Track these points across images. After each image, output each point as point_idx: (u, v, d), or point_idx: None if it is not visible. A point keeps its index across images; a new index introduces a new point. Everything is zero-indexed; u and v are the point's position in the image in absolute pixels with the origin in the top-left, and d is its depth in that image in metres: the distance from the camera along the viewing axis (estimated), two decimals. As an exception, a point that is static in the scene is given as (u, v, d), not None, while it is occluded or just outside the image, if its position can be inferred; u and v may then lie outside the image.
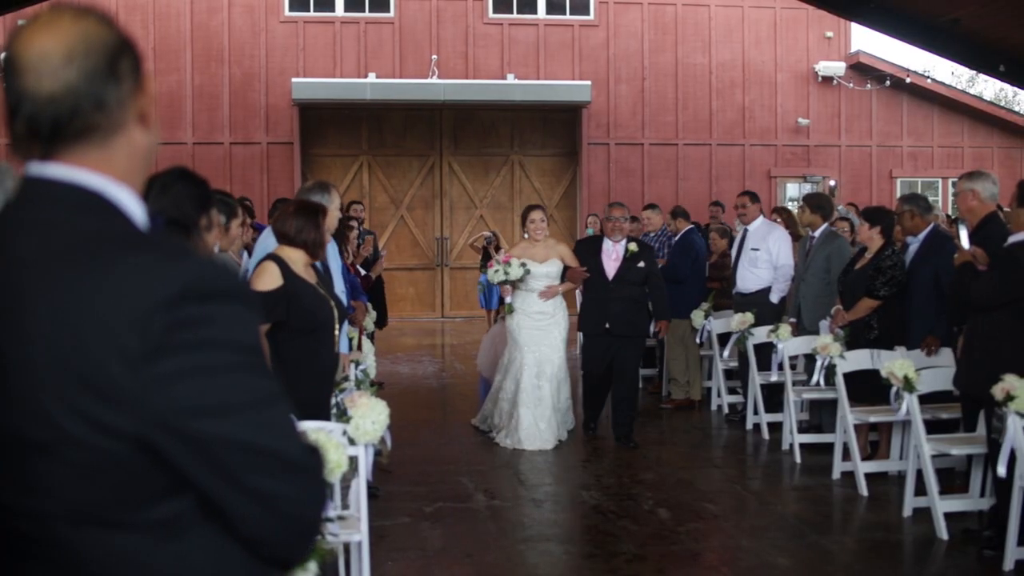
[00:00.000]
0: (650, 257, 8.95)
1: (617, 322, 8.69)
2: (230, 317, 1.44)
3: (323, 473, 1.56)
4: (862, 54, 20.63)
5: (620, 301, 8.68)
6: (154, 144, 1.61)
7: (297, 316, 5.07)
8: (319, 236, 5.17)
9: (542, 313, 8.74)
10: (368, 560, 4.92)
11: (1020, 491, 5.46)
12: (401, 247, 19.99)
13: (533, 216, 8.93)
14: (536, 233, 8.85)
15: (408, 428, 8.96)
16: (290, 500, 1.48)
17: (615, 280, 8.72)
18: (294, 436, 1.49)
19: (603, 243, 8.90)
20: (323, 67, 19.34)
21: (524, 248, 8.87)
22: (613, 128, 20.13)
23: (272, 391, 1.48)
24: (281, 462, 1.46)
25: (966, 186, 6.75)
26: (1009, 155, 21.24)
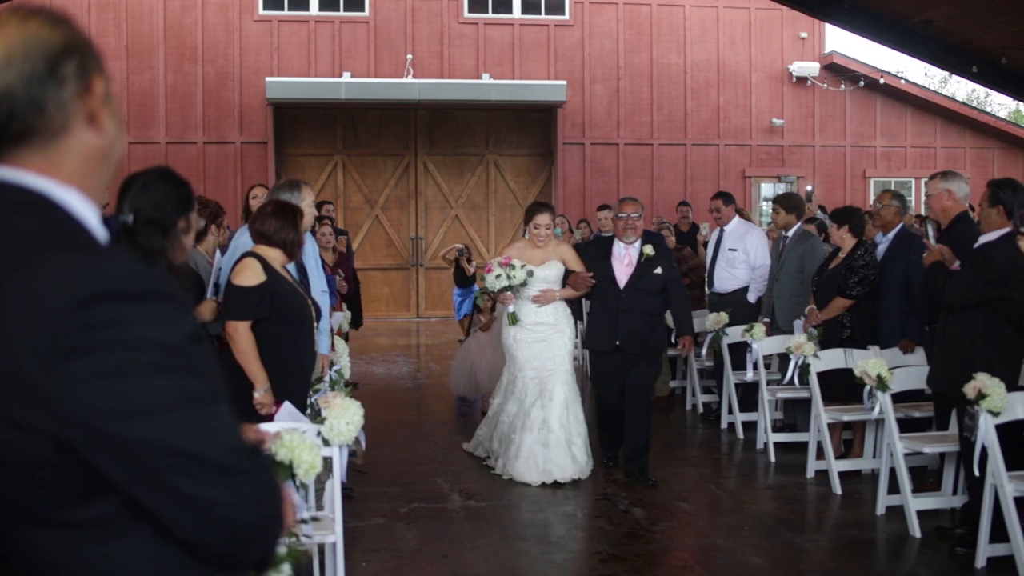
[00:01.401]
0: (669, 261, 7.68)
1: (630, 338, 7.46)
2: (150, 318, 1.42)
3: (263, 476, 1.53)
4: (836, 55, 20.74)
5: (633, 313, 7.48)
6: (110, 145, 1.59)
7: (278, 313, 5.07)
8: (297, 236, 5.17)
9: (542, 324, 7.61)
10: (343, 561, 4.90)
11: (992, 489, 5.50)
12: (376, 247, 19.93)
13: (538, 220, 7.66)
14: (538, 240, 7.66)
15: (383, 428, 8.93)
16: (220, 504, 1.46)
17: (628, 288, 7.50)
18: (224, 439, 1.47)
19: (613, 245, 7.67)
20: (297, 66, 19.27)
21: (521, 249, 7.75)
22: (588, 128, 20.15)
23: (200, 392, 1.45)
24: (206, 465, 1.44)
25: (941, 186, 6.78)
26: (981, 155, 21.41)
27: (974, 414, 5.47)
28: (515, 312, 7.63)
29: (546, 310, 7.63)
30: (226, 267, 5.56)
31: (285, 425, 4.57)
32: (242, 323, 5.05)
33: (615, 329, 7.49)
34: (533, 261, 7.61)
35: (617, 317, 7.48)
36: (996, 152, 21.49)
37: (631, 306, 7.48)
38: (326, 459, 4.68)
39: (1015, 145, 21.64)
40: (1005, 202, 5.87)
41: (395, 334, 17.46)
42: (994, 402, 5.40)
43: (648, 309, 7.55)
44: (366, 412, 4.91)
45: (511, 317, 7.65)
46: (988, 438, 5.41)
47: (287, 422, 4.79)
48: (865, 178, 21.16)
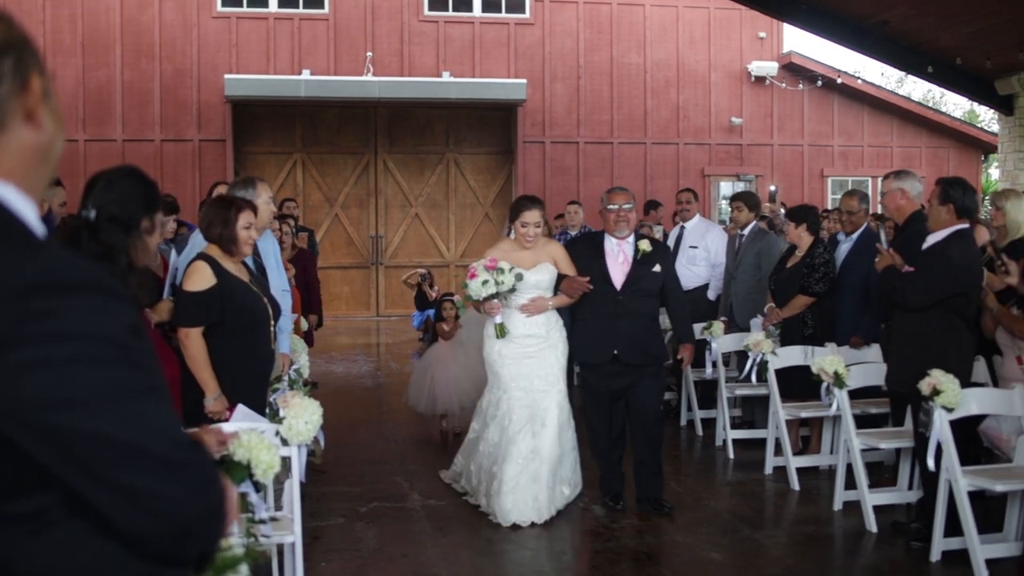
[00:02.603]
0: (667, 259, 6.85)
1: (629, 347, 6.55)
2: (87, 309, 1.42)
3: (204, 469, 1.53)
4: (794, 55, 20.90)
5: (632, 318, 6.57)
6: (50, 142, 1.59)
7: (233, 314, 5.01)
8: (227, 231, 5.04)
9: (532, 337, 6.60)
10: (302, 561, 4.87)
11: (946, 483, 5.57)
12: (336, 245, 19.85)
13: (527, 217, 6.62)
14: (526, 240, 6.64)
15: (343, 428, 8.89)
16: (160, 497, 1.45)
17: (625, 290, 6.59)
18: (163, 430, 1.46)
19: (604, 241, 6.76)
20: (256, 63, 19.14)
21: (506, 252, 6.68)
22: (548, 126, 20.17)
23: (139, 384, 1.45)
24: (145, 457, 1.43)
25: (895, 185, 6.85)
26: (936, 155, 21.66)
27: (929, 410, 5.53)
28: (503, 323, 6.58)
29: (536, 321, 6.61)
30: (182, 267, 5.51)
31: (244, 425, 4.54)
32: (193, 330, 4.98)
33: (612, 337, 6.54)
34: (522, 264, 6.57)
35: (614, 323, 6.54)
36: (951, 152, 21.75)
37: (629, 310, 6.56)
38: (284, 459, 4.66)
39: (969, 145, 21.92)
40: (956, 200, 5.93)
41: (355, 333, 17.40)
42: (948, 398, 5.46)
43: (647, 313, 6.68)
44: (325, 411, 4.88)
45: (499, 329, 6.58)
46: (942, 434, 5.48)
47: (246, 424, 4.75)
48: (823, 177, 21.34)
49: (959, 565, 5.52)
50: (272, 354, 5.34)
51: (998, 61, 15.64)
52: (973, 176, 21.38)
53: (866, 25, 16.22)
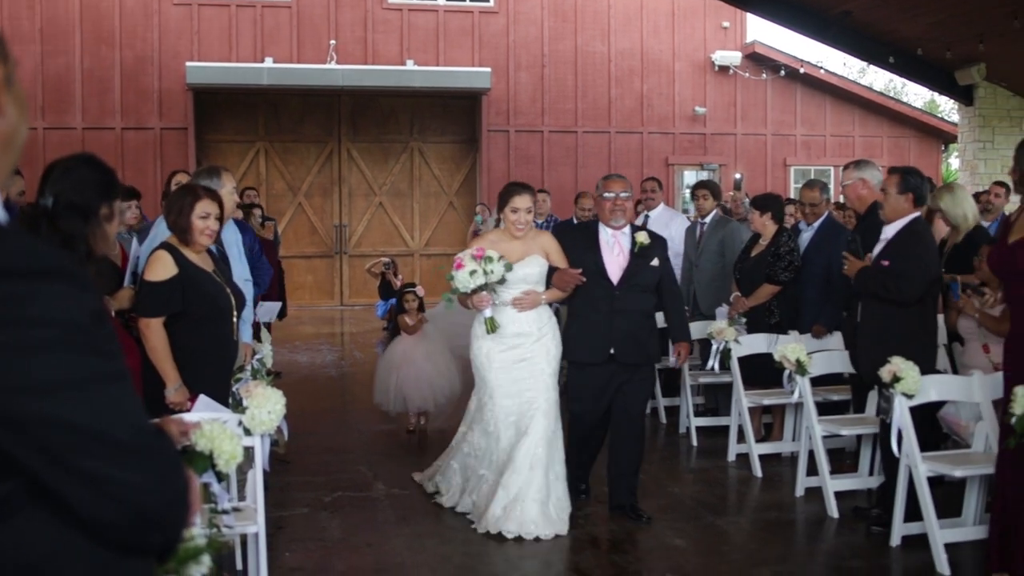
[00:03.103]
0: (664, 252, 6.40)
1: (626, 346, 6.16)
2: (50, 295, 1.41)
3: (167, 457, 1.52)
4: (757, 44, 21.00)
5: (630, 315, 6.17)
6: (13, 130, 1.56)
7: (195, 304, 4.97)
8: (181, 220, 5.00)
9: (523, 335, 6.09)
10: (265, 551, 4.85)
11: (906, 469, 5.63)
12: (299, 234, 19.76)
13: (517, 203, 6.12)
14: (517, 228, 6.14)
15: (306, 417, 8.86)
16: (124, 484, 1.44)
17: (622, 285, 6.16)
18: (126, 417, 1.45)
19: (599, 232, 6.31)
20: (218, 51, 18.98)
21: (495, 243, 6.15)
22: (513, 115, 20.16)
23: (102, 371, 1.44)
24: (108, 443, 1.42)
25: (856, 175, 6.90)
26: (897, 144, 21.86)
27: (889, 397, 5.59)
28: (493, 317, 6.08)
29: (527, 317, 6.11)
30: (144, 256, 5.46)
31: (206, 415, 4.51)
32: (154, 320, 4.94)
33: (609, 335, 6.13)
34: (511, 256, 6.08)
35: (611, 320, 6.12)
36: (912, 141, 21.96)
37: (627, 306, 6.15)
38: (247, 449, 4.63)
39: (930, 134, 22.14)
40: (915, 189, 5.98)
41: (319, 322, 17.33)
42: (908, 385, 5.52)
43: (644, 309, 6.27)
44: (289, 401, 4.87)
45: (489, 324, 6.07)
46: (902, 420, 5.53)
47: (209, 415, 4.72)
48: (786, 166, 21.48)
49: (919, 549, 5.58)
50: (235, 344, 5.30)
51: (958, 52, 15.80)
52: (933, 165, 21.61)
53: (828, 15, 16.32)
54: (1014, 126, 17.60)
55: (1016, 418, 4.66)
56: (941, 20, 15.07)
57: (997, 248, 5.10)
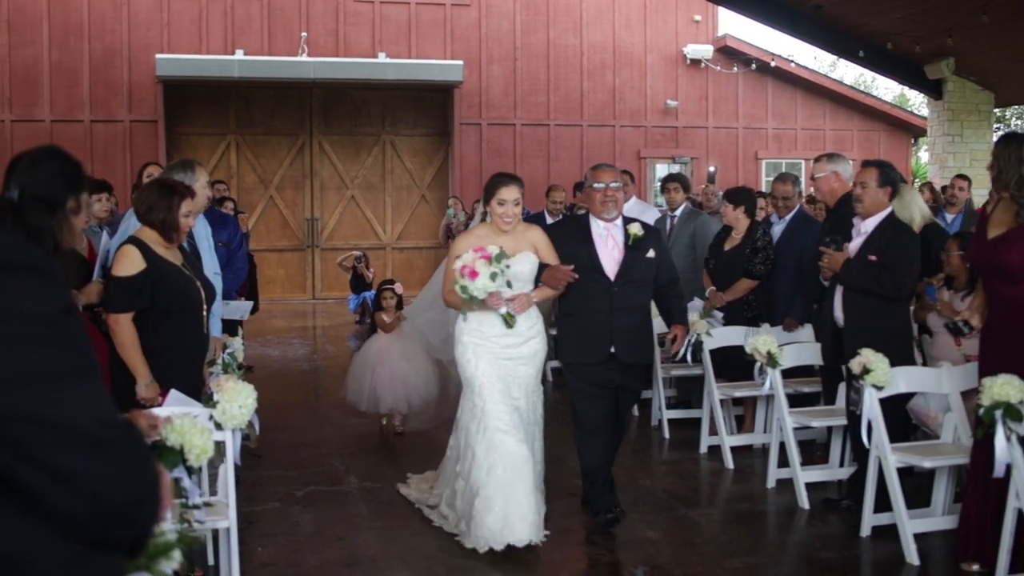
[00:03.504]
0: (660, 243, 6.18)
1: (627, 345, 5.88)
2: (22, 289, 1.40)
3: (137, 451, 1.51)
4: (729, 38, 21.07)
5: (629, 312, 5.89)
6: None
7: (163, 299, 4.94)
8: (169, 217, 4.98)
9: (509, 335, 5.78)
10: (237, 546, 4.83)
11: (876, 460, 5.67)
12: (271, 228, 19.67)
13: (504, 195, 5.74)
14: (504, 222, 5.76)
15: (278, 411, 8.83)
16: (91, 477, 1.43)
17: (619, 280, 5.86)
18: (95, 411, 1.45)
19: (591, 225, 6.00)
20: (189, 43, 18.84)
21: (482, 239, 5.80)
22: (485, 108, 20.14)
23: (71, 365, 1.43)
24: (77, 437, 1.42)
25: (828, 168, 6.93)
26: (868, 138, 22.00)
27: (859, 388, 5.62)
28: (509, 312, 5.70)
29: (516, 319, 5.75)
30: (113, 250, 5.42)
31: (177, 409, 4.48)
32: (122, 315, 4.91)
33: (609, 334, 5.83)
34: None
35: (611, 318, 5.83)
36: (882, 135, 22.10)
37: (625, 303, 5.86)
38: (218, 443, 4.61)
39: (900, 128, 22.28)
40: (893, 182, 6.02)
41: (291, 316, 17.26)
42: (878, 376, 5.55)
43: (643, 305, 6.02)
44: (260, 395, 4.85)
45: (508, 319, 5.70)
46: (872, 411, 5.57)
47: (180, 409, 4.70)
48: (757, 159, 21.57)
49: (888, 540, 5.63)
50: (205, 338, 5.27)
51: (927, 46, 15.91)
52: (903, 159, 21.76)
53: (800, 9, 16.41)
54: (983, 120, 17.76)
55: (984, 409, 4.70)
56: (910, 14, 15.18)
57: (977, 242, 5.13)
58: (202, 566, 5.21)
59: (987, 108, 17.81)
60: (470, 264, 5.54)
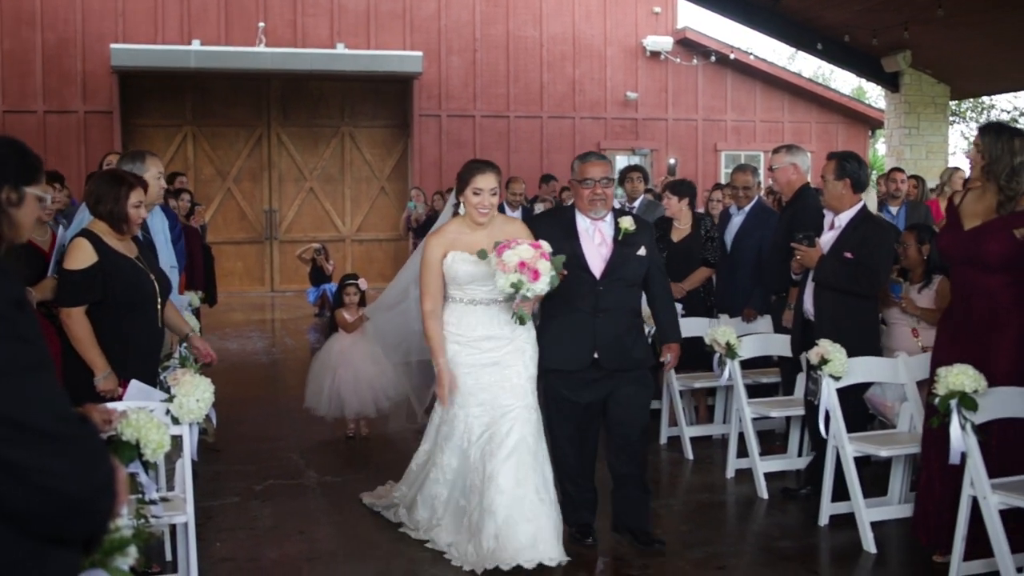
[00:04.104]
0: (652, 239, 5.57)
1: (612, 350, 5.34)
2: None
3: (91, 445, 1.49)
4: (688, 30, 21.14)
5: (615, 314, 5.36)
6: None
7: (117, 292, 4.88)
8: (117, 208, 4.90)
9: (492, 339, 5.26)
10: (194, 541, 4.78)
11: (834, 450, 5.72)
12: (228, 220, 19.52)
13: (480, 183, 5.20)
14: (480, 213, 5.23)
15: (237, 405, 8.76)
16: (47, 473, 1.42)
17: (606, 279, 5.34)
18: (48, 405, 1.43)
19: (577, 220, 5.45)
20: (144, 33, 18.61)
21: (457, 235, 5.29)
22: (445, 100, 20.08)
23: (24, 359, 1.41)
24: (30, 431, 1.40)
25: (786, 160, 6.96)
26: (826, 130, 22.17)
27: (817, 379, 5.66)
28: (523, 312, 5.11)
29: (500, 318, 5.25)
30: (66, 242, 5.35)
31: (133, 404, 4.43)
32: (75, 309, 4.84)
33: (591, 338, 5.31)
34: (473, 248, 5.18)
35: (594, 320, 5.31)
36: (840, 127, 22.28)
37: (611, 303, 5.35)
38: (175, 438, 4.57)
39: (857, 120, 22.48)
40: (852, 174, 5.97)
41: (249, 309, 17.14)
42: (836, 367, 5.60)
43: (631, 306, 5.50)
44: (218, 389, 4.81)
45: (521, 318, 5.12)
46: (830, 401, 5.62)
47: (137, 401, 4.65)
48: (716, 151, 21.68)
49: (846, 528, 5.68)
50: (161, 332, 5.21)
51: (884, 39, 16.05)
52: (860, 151, 21.95)
53: (758, 2, 16.49)
54: (939, 112, 17.95)
55: (939, 398, 4.75)
56: (868, 8, 15.31)
57: (951, 234, 5.15)
58: (159, 562, 5.17)
59: (943, 101, 18.01)
60: (531, 262, 4.86)
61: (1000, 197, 4.95)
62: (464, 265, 5.20)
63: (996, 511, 4.65)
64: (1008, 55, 16.21)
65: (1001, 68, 17.12)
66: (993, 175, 4.96)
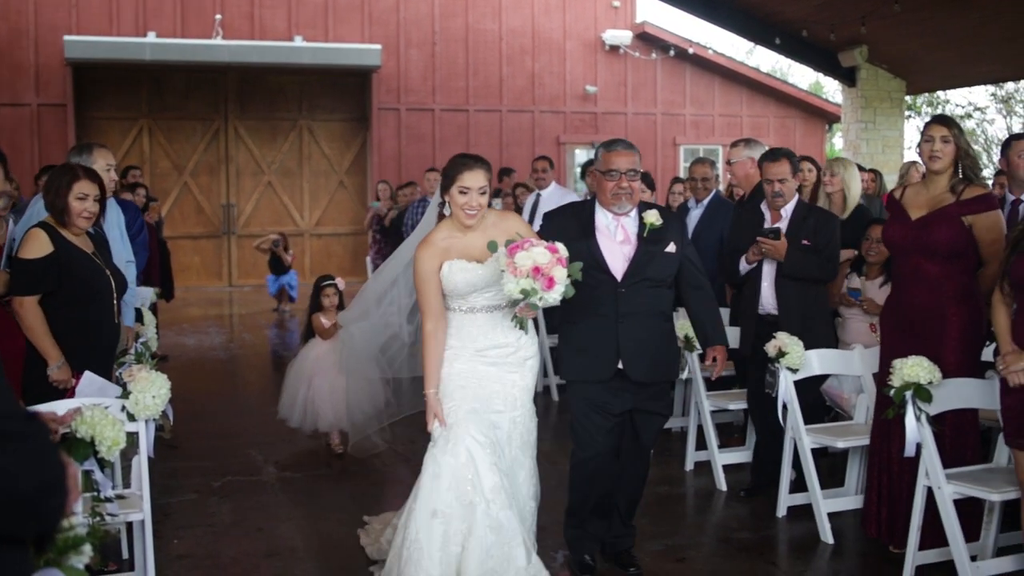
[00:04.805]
0: (682, 234, 5.02)
1: (638, 358, 4.84)
2: None
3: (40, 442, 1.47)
4: (647, 24, 21.19)
5: (641, 319, 4.85)
6: None
7: (71, 284, 4.83)
8: (58, 200, 4.86)
9: (496, 348, 4.68)
10: (151, 539, 4.74)
11: (791, 441, 5.77)
12: (185, 214, 19.34)
13: (467, 180, 4.57)
14: (468, 215, 4.58)
15: (194, 401, 8.69)
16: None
17: (629, 280, 4.81)
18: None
19: (597, 215, 4.97)
20: (99, 24, 18.36)
21: (449, 240, 4.63)
22: (403, 93, 20.00)
23: None
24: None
25: (745, 154, 7.00)
26: (784, 124, 22.31)
27: (775, 371, 5.71)
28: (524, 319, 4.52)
29: (503, 326, 4.66)
30: (19, 236, 5.29)
31: (87, 400, 4.39)
32: (28, 298, 4.81)
33: (615, 346, 4.81)
34: (470, 254, 4.60)
35: (617, 326, 4.81)
36: (798, 121, 22.43)
37: (636, 307, 4.82)
38: (132, 435, 4.53)
39: (815, 115, 22.64)
40: (797, 171, 6.25)
41: (207, 304, 17.00)
42: (793, 359, 5.65)
43: (660, 310, 4.94)
44: (175, 385, 4.79)
45: (522, 323, 4.54)
46: (787, 393, 5.66)
47: (91, 392, 4.62)
48: (675, 145, 21.76)
49: (804, 519, 5.74)
50: (116, 327, 5.17)
51: (841, 34, 16.17)
52: (818, 145, 22.14)
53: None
54: (895, 107, 18.13)
55: (895, 390, 4.80)
56: (825, 3, 15.43)
57: (899, 224, 5.20)
58: (116, 560, 5.13)
59: (899, 96, 18.19)
60: (546, 268, 4.28)
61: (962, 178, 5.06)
62: (462, 274, 4.57)
63: (951, 501, 4.72)
64: (962, 51, 16.40)
65: (956, 64, 17.33)
66: (964, 160, 5.07)
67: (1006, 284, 4.48)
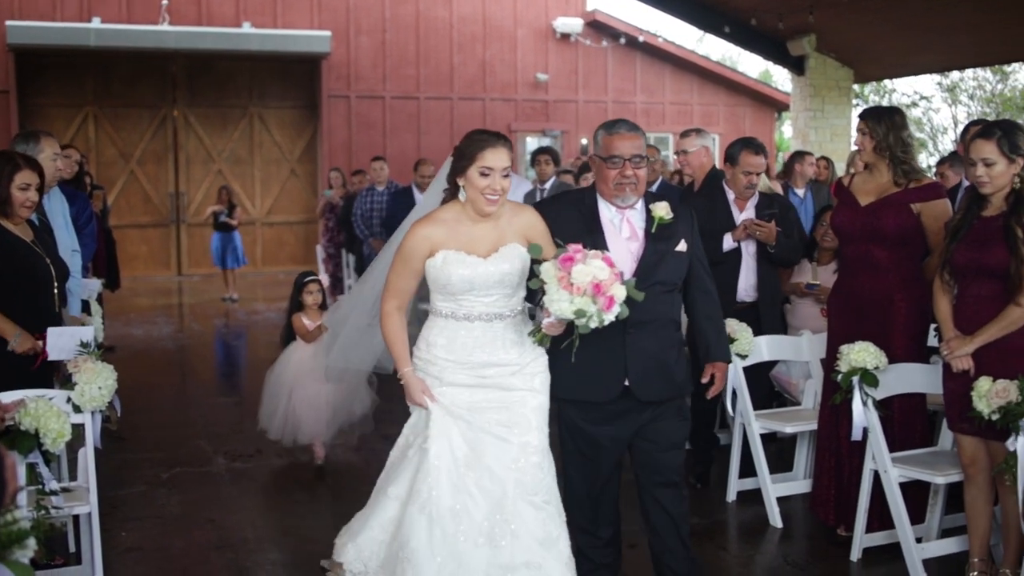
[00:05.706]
0: (692, 230, 4.27)
1: (647, 375, 4.12)
2: None
3: None
4: (598, 12, 21.22)
5: (651, 329, 4.11)
6: None
7: (10, 274, 4.74)
8: (1, 192, 4.77)
9: (493, 366, 3.96)
10: (99, 532, 4.69)
11: (740, 427, 5.82)
12: (132, 203, 19.10)
13: (491, 159, 3.89)
14: (489, 200, 3.90)
15: (142, 392, 8.59)
16: None
17: (638, 282, 3.91)
18: None
19: (599, 207, 4.23)
20: (42, 9, 18.03)
21: (454, 224, 3.95)
22: (354, 80, 19.87)
23: None
24: None
25: (698, 143, 7.01)
26: (734, 112, 22.46)
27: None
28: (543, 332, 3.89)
29: (504, 338, 3.96)
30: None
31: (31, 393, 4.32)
32: None
33: (621, 361, 4.08)
34: (476, 249, 3.91)
35: (623, 337, 4.04)
36: (747, 110, 22.59)
37: (646, 315, 4.03)
38: (77, 427, 4.48)
39: (764, 103, 22.81)
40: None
41: (155, 294, 16.81)
42: (742, 345, 5.70)
43: (670, 317, 4.22)
44: (122, 376, 4.75)
45: (541, 338, 3.93)
46: (736, 379, 5.71)
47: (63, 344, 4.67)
48: (626, 133, 21.80)
49: (753, 504, 5.80)
50: (58, 316, 5.08)
51: (790, 23, 16.29)
52: (767, 133, 22.31)
53: (666, -16, 16.61)
54: (843, 96, 18.30)
55: (842, 375, 4.86)
56: (773, -9, 15.53)
57: (848, 210, 5.25)
58: (63, 553, 5.06)
59: (847, 84, 18.36)
60: (607, 287, 3.66)
61: (898, 172, 5.10)
62: (459, 269, 3.87)
63: (896, 484, 4.79)
64: (909, 40, 16.59)
65: (902, 53, 17.53)
66: (887, 152, 5.11)
67: (946, 272, 4.54)
